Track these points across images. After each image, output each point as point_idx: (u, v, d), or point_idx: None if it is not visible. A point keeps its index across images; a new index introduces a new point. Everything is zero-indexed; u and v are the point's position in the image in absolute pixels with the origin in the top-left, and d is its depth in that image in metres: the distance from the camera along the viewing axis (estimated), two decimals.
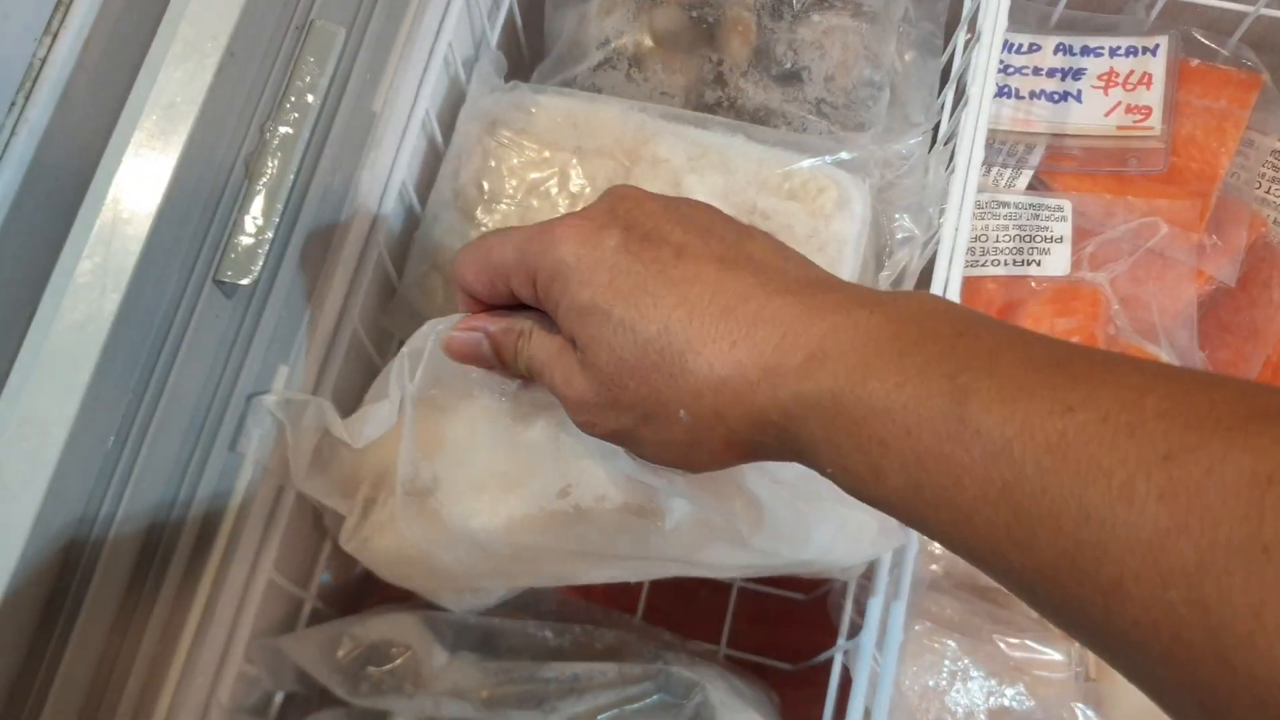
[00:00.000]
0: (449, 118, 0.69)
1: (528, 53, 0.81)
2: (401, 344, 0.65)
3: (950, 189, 0.66)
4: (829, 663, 0.62)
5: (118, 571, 0.49)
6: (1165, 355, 0.68)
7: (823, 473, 0.34)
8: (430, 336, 0.49)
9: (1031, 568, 0.28)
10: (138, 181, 0.47)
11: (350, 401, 0.64)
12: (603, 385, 0.38)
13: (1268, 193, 0.79)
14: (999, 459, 0.28)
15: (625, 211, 0.39)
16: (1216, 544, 0.23)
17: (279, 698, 0.63)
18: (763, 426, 0.35)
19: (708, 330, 0.35)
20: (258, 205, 0.52)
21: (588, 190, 0.66)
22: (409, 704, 0.58)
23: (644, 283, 0.36)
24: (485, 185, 0.66)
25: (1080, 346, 0.30)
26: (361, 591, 0.72)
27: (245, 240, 0.51)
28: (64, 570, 0.46)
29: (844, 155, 0.68)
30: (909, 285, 0.68)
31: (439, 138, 0.68)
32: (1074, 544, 0.26)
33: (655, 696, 0.58)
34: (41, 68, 0.45)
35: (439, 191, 0.67)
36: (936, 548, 0.66)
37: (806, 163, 0.67)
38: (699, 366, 0.35)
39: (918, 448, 0.30)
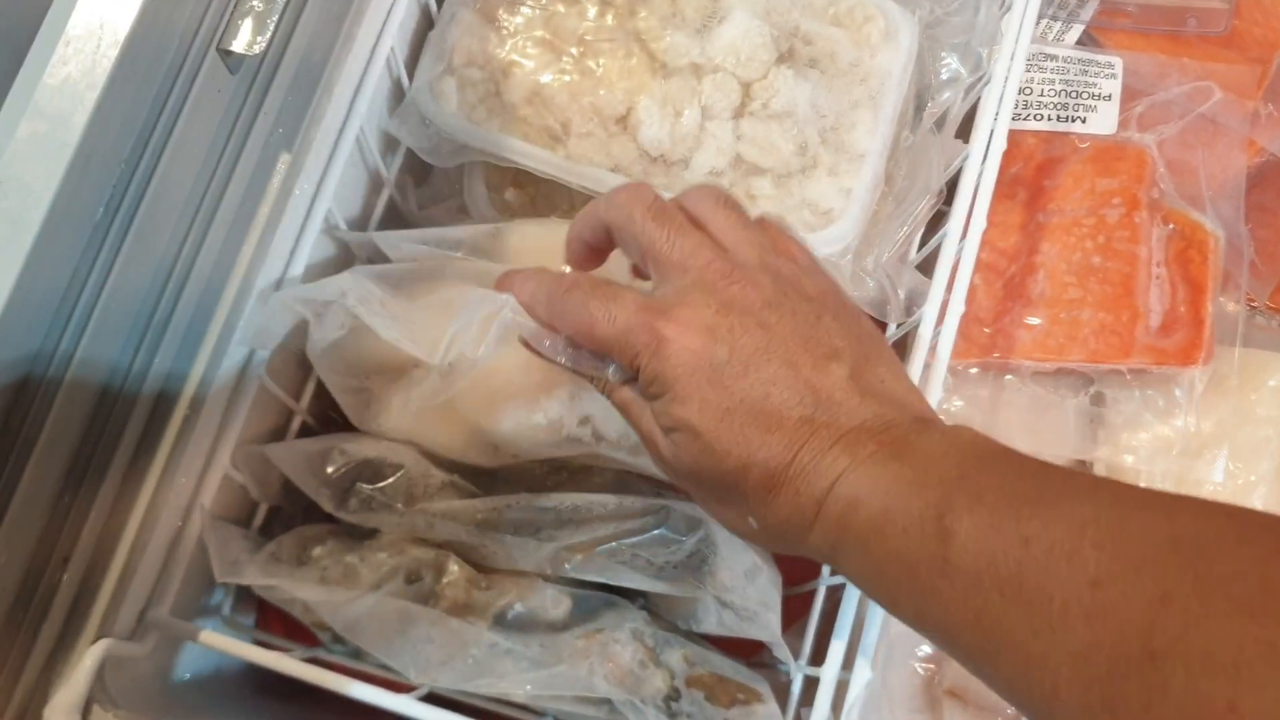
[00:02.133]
0: None
1: None
2: (412, 153, 0.62)
3: (1004, 30, 0.62)
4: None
5: (104, 348, 0.46)
6: (1210, 225, 0.65)
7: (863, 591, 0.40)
8: (506, 307, 0.47)
9: (1001, 681, 0.33)
10: None
11: (346, 206, 0.60)
12: (686, 476, 0.44)
13: None
14: (972, 591, 0.33)
15: (728, 330, 0.41)
16: (1121, 655, 0.28)
17: (262, 510, 0.60)
18: (816, 547, 0.41)
19: (777, 478, 0.40)
20: None
21: None
22: (399, 522, 0.55)
23: (733, 420, 0.40)
24: None
25: (1065, 474, 0.36)
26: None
27: (254, 6, 0.47)
28: (45, 343, 0.43)
29: None
30: (950, 130, 0.65)
31: None
32: (1025, 659, 0.31)
33: (656, 530, 0.56)
34: None
35: None
36: (952, 403, 0.64)
37: None
38: (769, 503, 0.41)
39: (919, 584, 0.35)
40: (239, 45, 0.47)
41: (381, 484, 0.57)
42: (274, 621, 0.68)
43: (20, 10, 0.46)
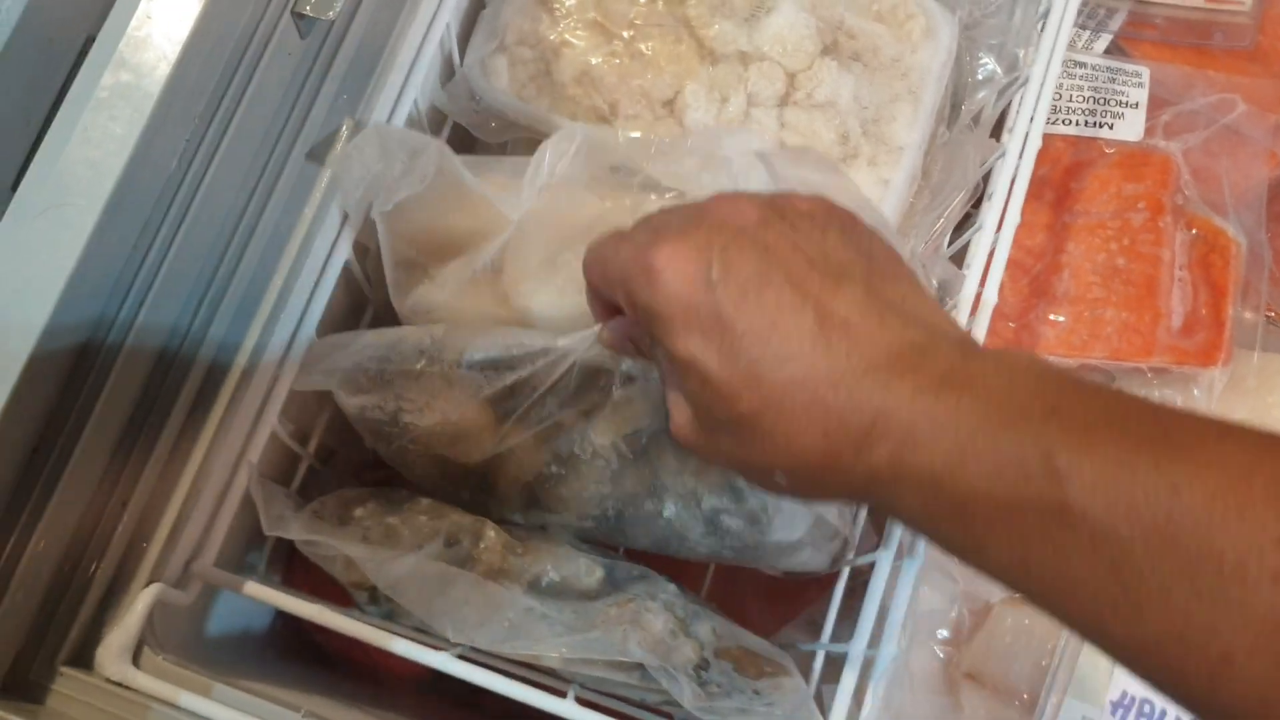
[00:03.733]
0: None
1: None
2: (458, 130, 0.63)
3: (1043, 33, 0.64)
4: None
5: (170, 301, 0.47)
6: (1232, 231, 0.67)
7: (918, 534, 0.36)
8: (577, 136, 0.48)
9: (1136, 639, 0.29)
10: None
11: None
12: (702, 431, 0.39)
13: None
14: (1106, 539, 0.29)
15: (722, 251, 0.37)
16: None
17: (301, 471, 0.61)
18: (863, 496, 0.37)
19: (799, 419, 0.35)
20: None
21: None
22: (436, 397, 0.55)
23: (738, 353, 0.36)
24: None
25: (1175, 413, 0.31)
26: None
27: None
28: (112, 298, 0.44)
29: None
30: (984, 130, 0.66)
31: None
32: (1183, 620, 0.27)
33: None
34: None
35: None
36: None
37: None
38: (794, 448, 0.36)
39: (1024, 528, 0.31)
40: (312, 8, 0.48)
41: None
42: (300, 586, 0.68)
43: None
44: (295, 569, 0.68)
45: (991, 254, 0.59)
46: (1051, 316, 0.66)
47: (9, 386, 0.39)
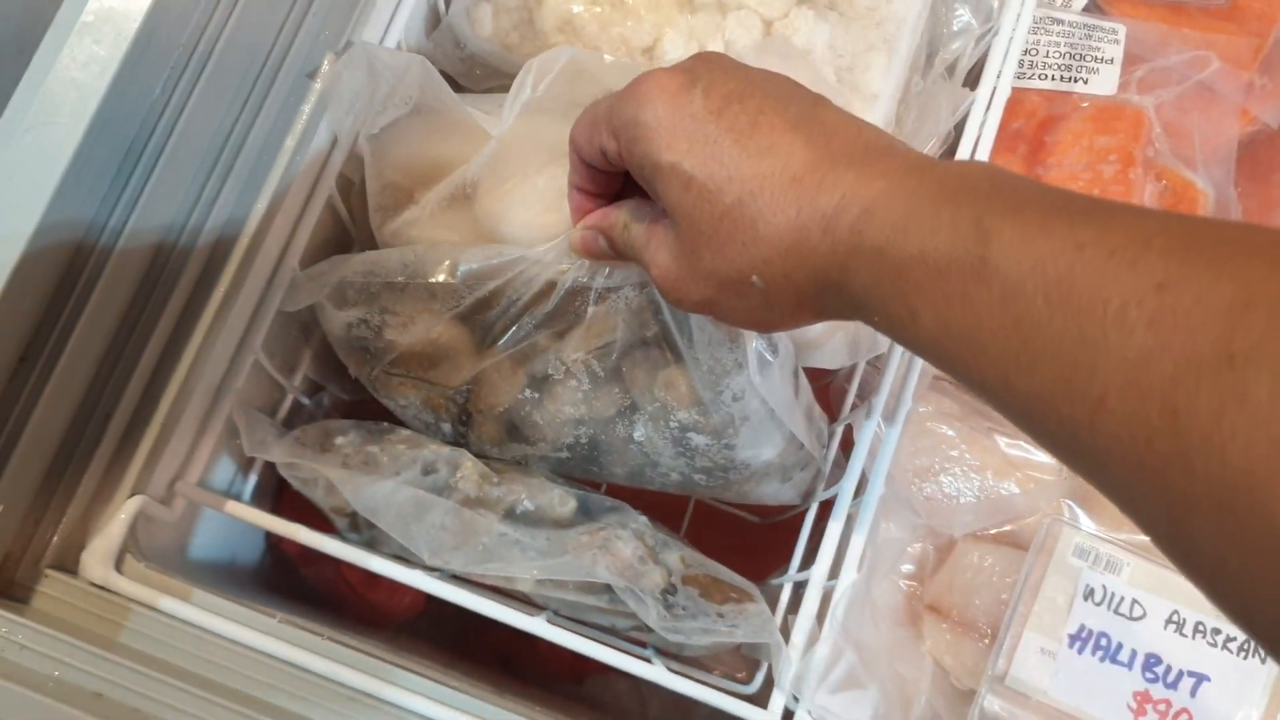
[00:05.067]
0: None
1: None
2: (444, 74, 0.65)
3: None
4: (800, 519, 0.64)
5: (155, 215, 0.48)
6: (1201, 184, 0.68)
7: (870, 322, 0.37)
8: (562, 57, 0.51)
9: (1033, 393, 0.30)
10: None
11: None
12: (684, 256, 0.41)
13: None
14: (1014, 294, 0.31)
15: (707, 73, 0.41)
16: (1190, 359, 0.26)
17: (287, 403, 0.63)
18: (825, 285, 0.38)
19: (777, 200, 0.38)
20: None
21: None
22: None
23: (721, 152, 0.39)
24: None
25: (1108, 202, 0.32)
26: None
27: None
28: (101, 208, 0.46)
29: None
30: (958, 79, 0.68)
31: None
32: (1070, 367, 0.29)
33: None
34: None
35: None
36: None
37: None
38: (769, 233, 0.38)
39: (947, 289, 0.33)
40: None
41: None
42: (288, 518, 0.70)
43: None
44: (284, 502, 0.70)
45: None
46: None
47: None
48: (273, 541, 0.74)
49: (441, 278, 0.53)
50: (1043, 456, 0.66)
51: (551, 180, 0.52)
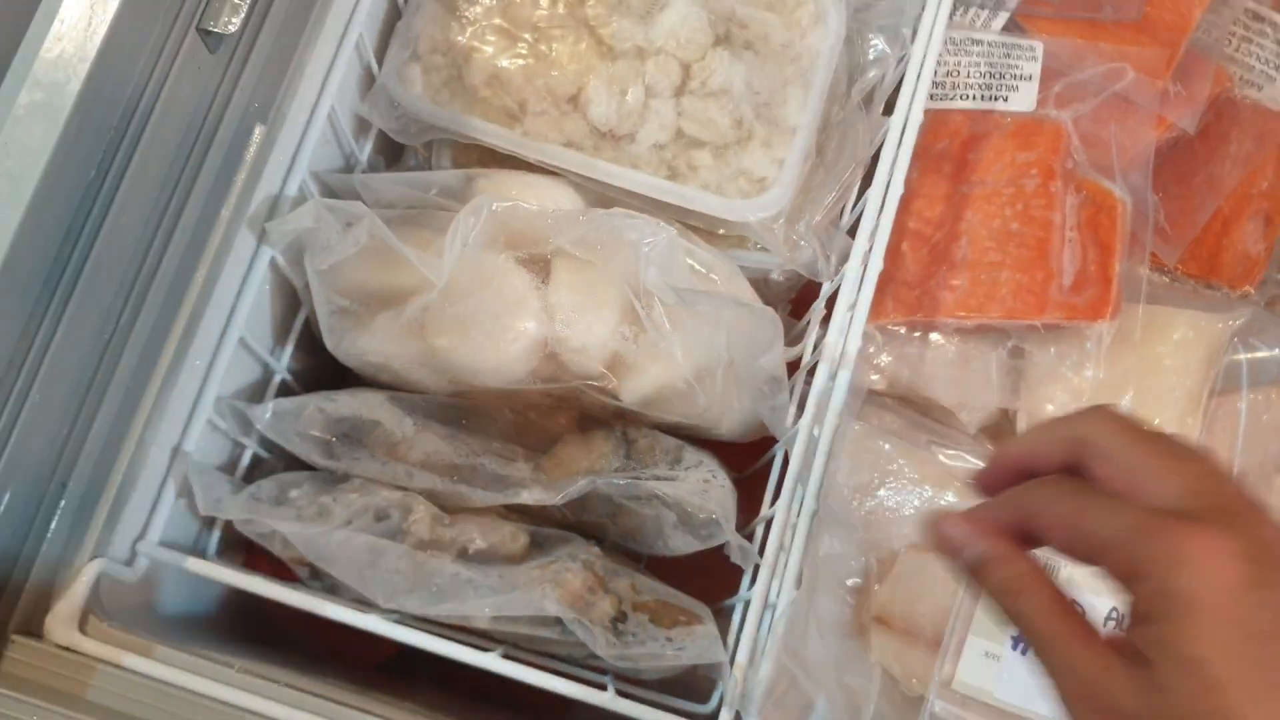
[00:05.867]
0: None
1: None
2: (384, 136, 0.68)
3: (925, 11, 0.68)
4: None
5: (98, 296, 0.51)
6: (1119, 193, 0.70)
7: None
8: (485, 209, 0.58)
9: None
10: None
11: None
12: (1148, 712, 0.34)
13: (1236, 50, 0.81)
14: None
15: (1274, 574, 0.34)
16: None
17: (246, 459, 0.65)
18: None
19: None
20: None
21: None
22: (382, 470, 0.61)
23: (1266, 681, 0.33)
24: None
25: None
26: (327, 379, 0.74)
27: None
28: (45, 286, 0.48)
29: None
30: (878, 105, 0.70)
31: None
32: None
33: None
34: None
35: None
36: (882, 359, 0.69)
37: None
38: None
39: None
40: (218, 25, 0.53)
41: (361, 437, 0.62)
42: (262, 571, 0.73)
43: None
44: (257, 555, 0.73)
45: (878, 222, 0.63)
46: (951, 282, 0.69)
47: None
48: (247, 594, 0.76)
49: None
50: (982, 464, 0.68)
51: (491, 315, 0.60)
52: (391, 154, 0.73)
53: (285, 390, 0.67)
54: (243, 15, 0.52)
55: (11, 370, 0.48)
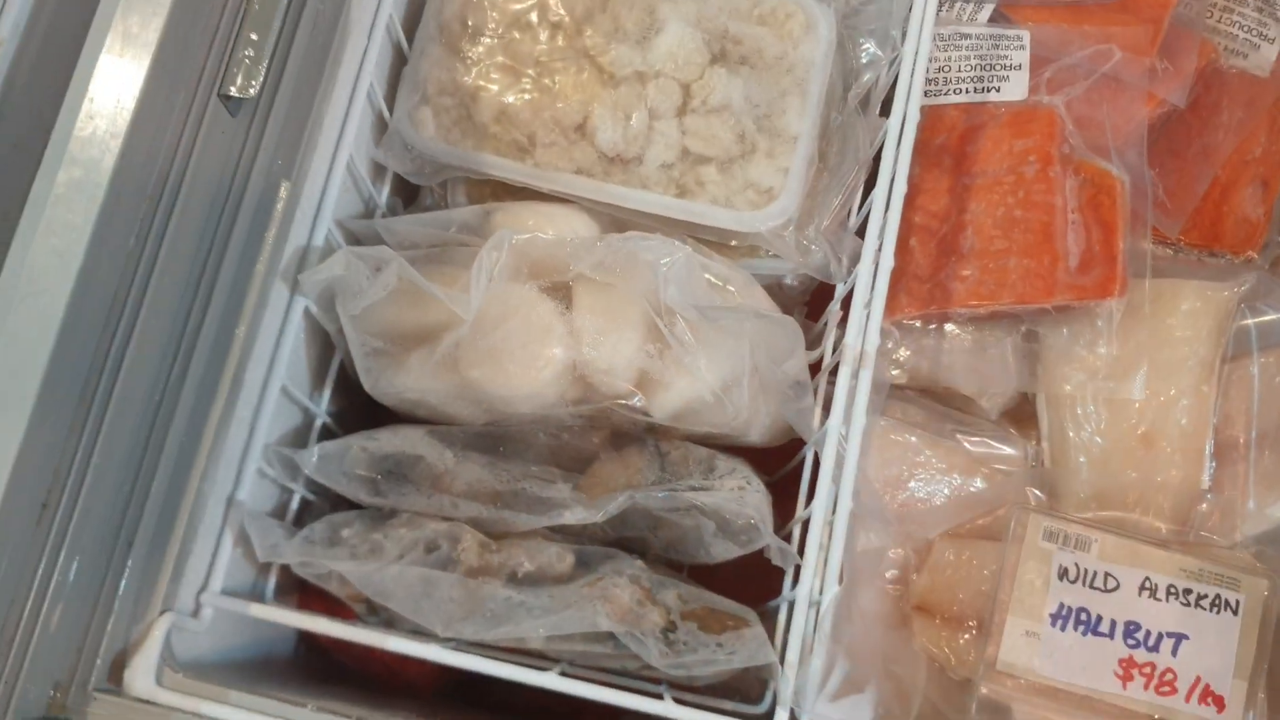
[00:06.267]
0: None
1: None
2: (400, 178, 0.70)
3: (912, 11, 0.70)
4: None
5: (146, 358, 0.53)
6: (1116, 172, 0.72)
7: None
8: (506, 242, 0.60)
9: None
10: (142, 6, 0.50)
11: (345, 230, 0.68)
12: None
13: (1219, 22, 0.83)
14: None
15: None
16: None
17: (295, 503, 0.67)
18: None
19: None
20: (256, 23, 0.55)
21: (567, 20, 0.69)
22: (428, 502, 0.63)
23: None
24: (469, 20, 0.69)
25: None
26: (365, 418, 0.76)
27: (247, 55, 0.55)
28: (97, 351, 0.50)
29: None
30: (875, 106, 0.72)
31: None
32: None
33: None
34: None
35: (425, 27, 0.70)
36: (900, 353, 0.71)
37: None
38: None
39: None
40: (239, 90, 0.55)
41: (405, 472, 0.64)
42: (316, 610, 0.75)
43: (50, 71, 0.54)
44: (309, 590, 0.75)
45: (885, 222, 0.65)
46: (961, 272, 0.71)
47: (12, 454, 0.46)
48: (305, 632, 0.78)
49: None
50: (1006, 449, 0.70)
51: (521, 344, 0.62)
52: (408, 194, 0.75)
53: (326, 432, 0.69)
54: (261, 78, 0.54)
55: (72, 435, 0.50)
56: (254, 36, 0.55)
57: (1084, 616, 0.64)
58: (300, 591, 0.75)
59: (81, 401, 0.50)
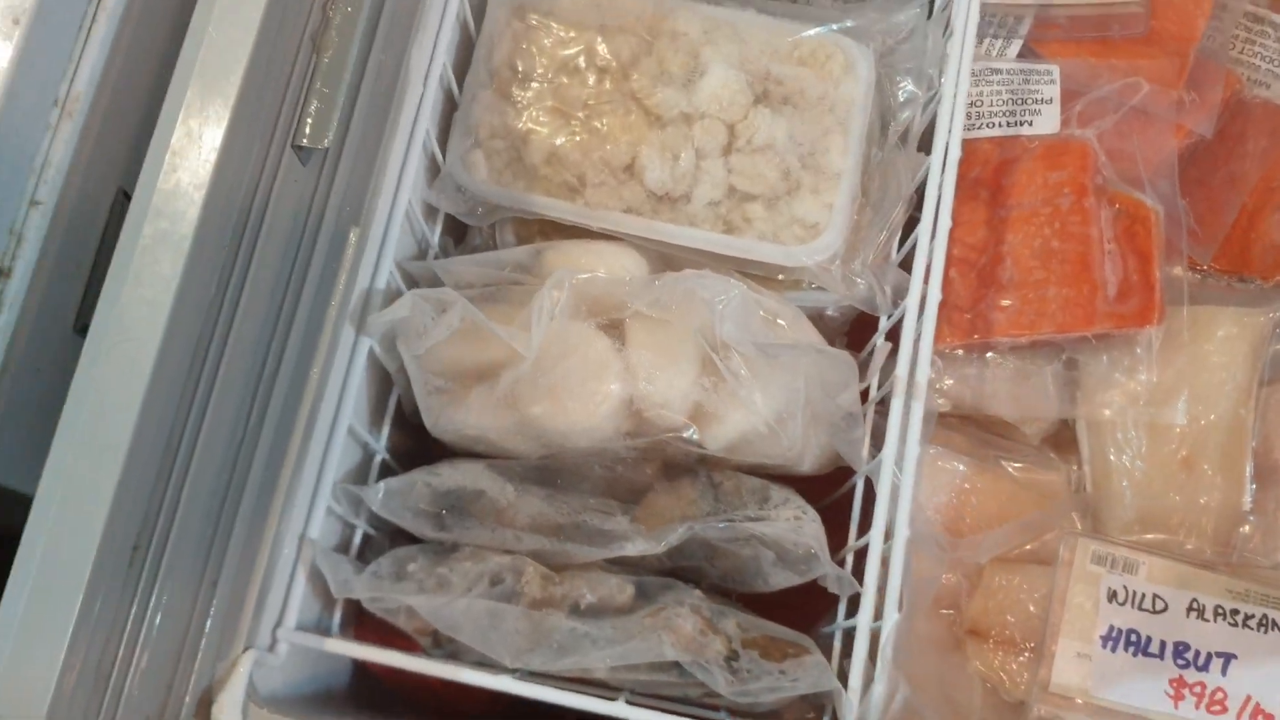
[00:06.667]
0: (477, 3, 0.74)
1: None
2: (449, 218, 0.72)
3: (948, 52, 0.72)
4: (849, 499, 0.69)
5: (224, 412, 0.54)
6: (1150, 202, 0.74)
7: None
8: (566, 282, 0.62)
9: None
10: (220, 57, 0.52)
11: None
12: None
13: (1241, 53, 0.85)
14: None
15: None
16: None
17: (357, 538, 0.69)
18: None
19: None
20: (326, 77, 0.57)
21: (614, 64, 0.71)
22: (492, 536, 0.64)
23: None
24: (519, 65, 0.71)
25: None
26: (416, 451, 0.78)
27: (318, 108, 0.57)
28: (179, 411, 0.52)
29: (848, 23, 0.74)
30: (914, 143, 0.74)
31: (470, 21, 0.73)
32: None
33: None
34: None
35: (474, 73, 0.72)
36: (944, 382, 0.72)
37: (814, 31, 0.73)
38: None
39: None
40: (311, 140, 0.56)
41: (469, 506, 0.66)
42: (370, 640, 0.76)
43: (121, 127, 0.56)
44: (365, 627, 0.76)
45: (930, 256, 0.67)
46: (1001, 302, 0.73)
47: (108, 500, 0.47)
48: (358, 662, 0.80)
49: None
50: (1049, 474, 0.72)
51: (580, 381, 0.64)
52: (457, 233, 0.77)
53: (384, 468, 0.71)
54: (334, 130, 0.56)
55: (160, 478, 0.51)
56: (324, 88, 0.57)
57: (1134, 638, 0.65)
58: (356, 624, 0.77)
59: (169, 445, 0.52)
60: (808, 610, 0.74)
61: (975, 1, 0.71)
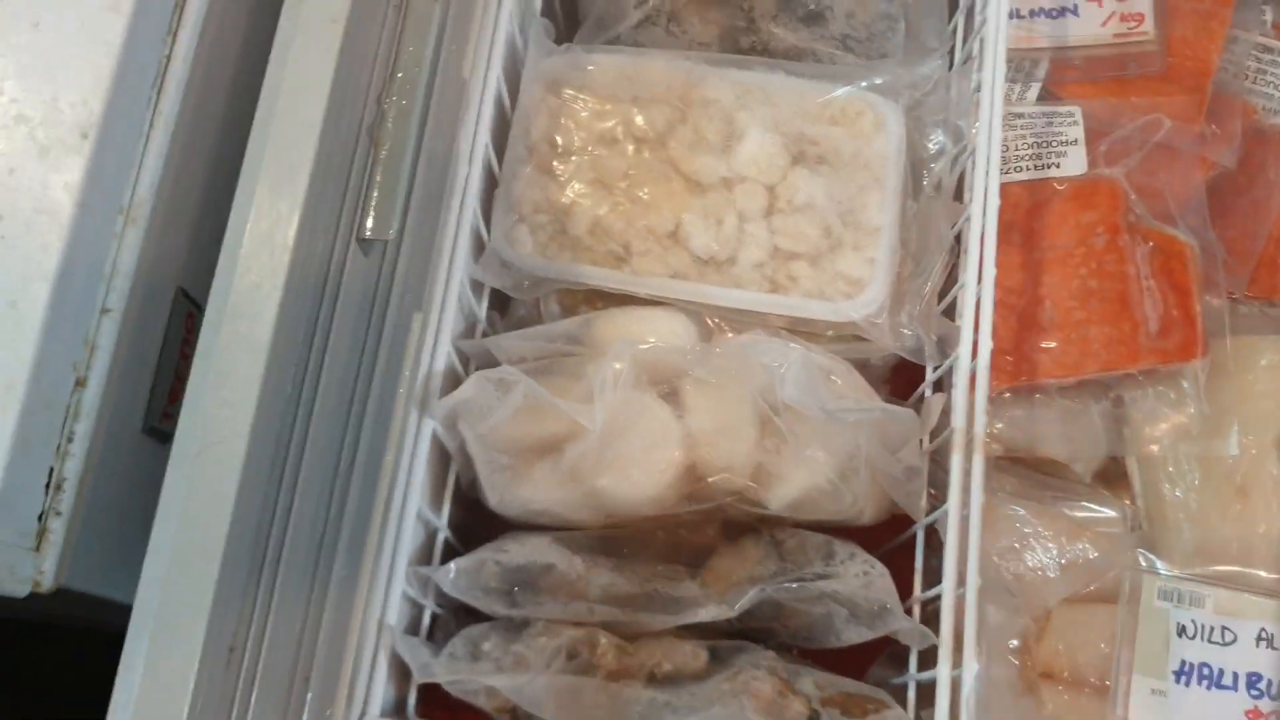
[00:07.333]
0: (510, 81, 0.75)
1: (563, 18, 0.87)
2: (494, 291, 0.73)
3: (981, 101, 0.73)
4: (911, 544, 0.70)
5: (309, 500, 0.55)
6: (1183, 236, 0.75)
7: None
8: (627, 354, 0.64)
9: None
10: (286, 155, 0.53)
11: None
12: None
13: (1254, 83, 0.87)
14: None
15: None
16: None
17: (426, 618, 0.69)
18: None
19: None
20: (385, 169, 0.58)
21: (651, 134, 0.72)
22: (564, 610, 0.64)
23: None
24: (557, 140, 0.73)
25: None
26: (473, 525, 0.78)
27: (380, 200, 0.58)
28: (264, 510, 0.52)
29: (875, 80, 0.75)
30: (947, 194, 0.75)
31: (506, 100, 0.74)
32: None
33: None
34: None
35: (513, 149, 0.73)
36: (995, 427, 0.73)
37: (842, 90, 0.74)
38: None
39: None
40: (375, 233, 0.57)
41: (540, 581, 0.66)
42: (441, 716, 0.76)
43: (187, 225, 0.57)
44: (432, 705, 0.76)
45: (978, 304, 0.67)
46: (1043, 344, 0.74)
47: (207, 604, 0.48)
48: None
49: None
50: (1106, 511, 0.73)
51: (643, 450, 0.65)
52: (501, 305, 0.78)
53: (447, 547, 0.71)
54: (398, 220, 0.57)
55: (252, 578, 0.52)
56: (384, 180, 0.58)
57: (1206, 671, 0.65)
58: (423, 701, 0.76)
59: (257, 544, 0.52)
60: (845, 659, 0.74)
61: (1002, 52, 0.73)
